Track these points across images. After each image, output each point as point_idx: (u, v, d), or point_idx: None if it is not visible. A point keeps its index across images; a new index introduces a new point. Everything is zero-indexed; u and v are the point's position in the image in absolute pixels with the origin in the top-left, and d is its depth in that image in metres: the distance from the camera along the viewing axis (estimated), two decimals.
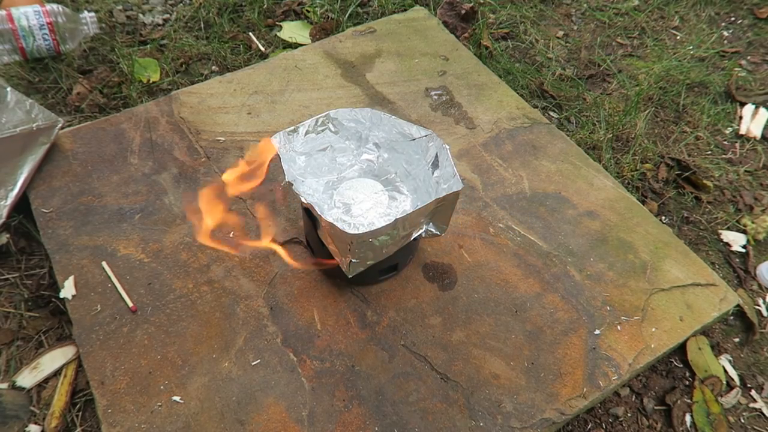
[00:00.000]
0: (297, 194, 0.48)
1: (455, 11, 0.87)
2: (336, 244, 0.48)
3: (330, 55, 0.76)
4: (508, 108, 0.71)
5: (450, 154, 0.50)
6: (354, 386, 0.49)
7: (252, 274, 0.56)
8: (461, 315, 0.54)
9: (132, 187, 0.61)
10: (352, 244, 0.46)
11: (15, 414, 0.51)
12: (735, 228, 0.68)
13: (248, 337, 0.52)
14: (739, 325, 0.60)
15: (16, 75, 0.76)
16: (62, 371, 0.53)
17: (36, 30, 0.73)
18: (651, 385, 0.55)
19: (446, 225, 0.51)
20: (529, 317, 0.54)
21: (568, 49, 0.87)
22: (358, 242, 0.46)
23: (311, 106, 0.70)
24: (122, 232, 0.58)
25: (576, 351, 0.52)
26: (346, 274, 0.49)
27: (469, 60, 0.77)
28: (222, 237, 0.57)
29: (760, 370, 0.57)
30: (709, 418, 0.53)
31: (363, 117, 0.54)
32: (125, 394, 0.48)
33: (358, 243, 0.46)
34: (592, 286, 0.56)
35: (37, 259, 0.60)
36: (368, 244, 0.46)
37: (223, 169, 0.63)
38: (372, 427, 0.47)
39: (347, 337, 0.52)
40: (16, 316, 0.56)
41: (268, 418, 0.47)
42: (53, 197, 0.60)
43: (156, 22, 0.87)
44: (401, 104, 0.71)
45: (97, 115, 0.73)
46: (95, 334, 0.51)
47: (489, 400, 0.49)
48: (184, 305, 0.53)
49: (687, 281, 0.57)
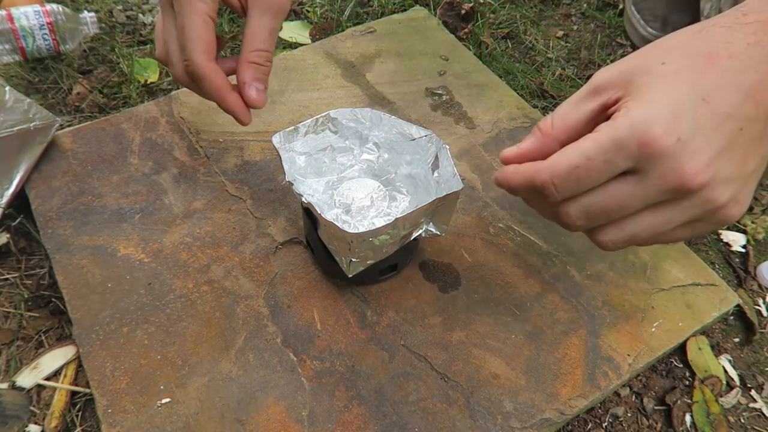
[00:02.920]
0: (297, 194, 0.48)
1: (455, 11, 0.87)
2: (336, 244, 0.48)
3: (330, 55, 0.76)
4: (508, 108, 0.71)
5: (450, 154, 0.50)
6: (354, 386, 0.49)
7: (252, 274, 0.56)
8: (461, 315, 0.54)
9: (132, 187, 0.61)
10: (352, 243, 0.46)
11: (15, 414, 0.51)
12: (735, 228, 0.68)
13: (248, 337, 0.52)
14: (739, 325, 0.60)
15: (16, 75, 0.76)
16: (62, 371, 0.53)
17: (36, 30, 0.73)
18: (651, 385, 0.55)
19: (447, 225, 0.51)
20: (529, 317, 0.54)
21: (568, 49, 0.87)
22: (358, 241, 0.46)
23: (311, 106, 0.70)
24: (122, 232, 0.58)
25: (576, 351, 0.52)
26: (345, 274, 0.49)
27: (469, 60, 0.77)
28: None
29: (760, 370, 0.57)
30: (709, 418, 0.53)
31: (363, 117, 0.54)
32: (125, 394, 0.48)
33: (358, 242, 0.46)
34: (592, 286, 0.56)
35: (37, 259, 0.60)
36: (368, 243, 0.46)
37: (223, 169, 0.63)
38: (372, 427, 0.47)
39: (347, 337, 0.52)
40: (16, 316, 0.56)
41: (268, 418, 0.47)
42: (53, 197, 0.60)
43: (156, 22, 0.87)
44: (401, 104, 0.71)
45: (97, 115, 0.73)
46: (95, 334, 0.51)
47: (489, 400, 0.49)
48: (184, 305, 0.53)
49: (687, 281, 0.57)
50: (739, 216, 0.37)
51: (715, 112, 0.34)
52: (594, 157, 0.34)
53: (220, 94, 0.49)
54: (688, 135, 0.33)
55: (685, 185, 0.33)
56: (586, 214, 0.36)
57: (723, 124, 0.34)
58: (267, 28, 0.48)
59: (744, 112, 0.35)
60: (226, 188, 0.62)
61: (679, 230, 0.38)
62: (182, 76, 0.49)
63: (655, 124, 0.32)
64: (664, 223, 0.36)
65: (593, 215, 0.36)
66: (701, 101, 0.34)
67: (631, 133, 0.33)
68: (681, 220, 0.36)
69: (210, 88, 0.48)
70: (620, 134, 0.33)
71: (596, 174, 0.34)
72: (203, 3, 0.46)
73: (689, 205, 0.35)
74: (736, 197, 0.36)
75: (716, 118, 0.34)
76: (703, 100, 0.34)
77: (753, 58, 0.34)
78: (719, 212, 0.36)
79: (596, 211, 0.35)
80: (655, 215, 0.36)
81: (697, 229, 0.38)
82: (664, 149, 0.32)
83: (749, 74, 0.34)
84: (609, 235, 0.37)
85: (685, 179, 0.33)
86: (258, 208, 0.61)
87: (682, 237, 0.39)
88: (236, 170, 0.63)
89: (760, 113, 0.35)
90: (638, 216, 0.36)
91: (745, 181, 0.36)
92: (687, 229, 0.38)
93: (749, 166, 0.36)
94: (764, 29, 0.35)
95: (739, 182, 0.36)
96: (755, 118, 0.35)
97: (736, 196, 0.36)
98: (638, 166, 0.34)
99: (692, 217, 0.36)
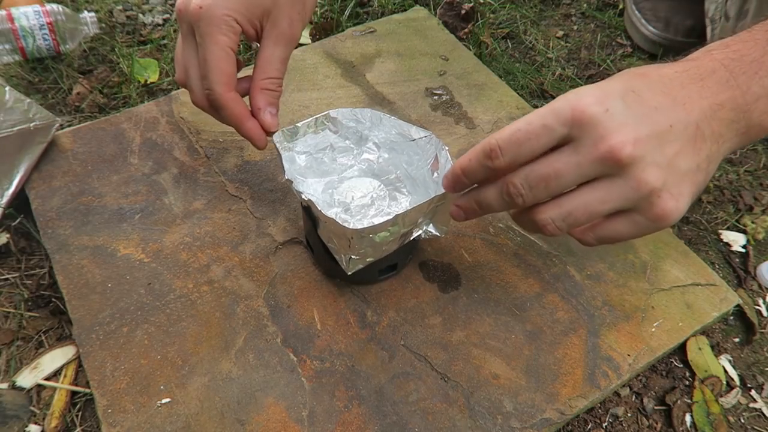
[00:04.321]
0: (296, 192, 0.48)
1: (455, 11, 0.87)
2: (335, 241, 0.48)
3: (330, 55, 0.76)
4: (508, 108, 0.71)
5: (449, 156, 0.50)
6: (354, 386, 0.49)
7: (252, 274, 0.56)
8: (461, 315, 0.54)
9: (132, 187, 0.61)
10: (351, 239, 0.46)
11: (15, 414, 0.51)
12: (735, 228, 0.68)
13: (248, 337, 0.52)
14: (739, 325, 0.60)
15: (16, 75, 0.76)
16: (62, 371, 0.53)
17: (36, 30, 0.74)
18: (651, 385, 0.55)
19: (446, 227, 0.51)
20: (529, 317, 0.54)
21: (568, 49, 0.87)
22: (357, 238, 0.46)
23: (311, 106, 0.70)
24: (122, 232, 0.58)
25: (576, 351, 0.52)
26: (345, 272, 0.49)
27: (469, 60, 0.77)
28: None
29: (760, 370, 0.57)
30: (709, 418, 0.53)
31: (363, 117, 0.54)
32: (125, 394, 0.48)
33: (358, 238, 0.46)
34: (592, 286, 0.56)
35: (37, 259, 0.60)
36: (368, 240, 0.46)
37: (223, 169, 0.63)
38: (372, 427, 0.47)
39: (347, 337, 0.52)
40: (16, 316, 0.56)
41: (268, 418, 0.47)
42: (53, 197, 0.60)
43: (156, 22, 0.87)
44: (401, 104, 0.71)
45: (97, 115, 0.73)
46: (95, 334, 0.51)
47: (489, 400, 0.49)
48: (184, 305, 0.53)
49: (687, 281, 0.57)
50: (676, 213, 0.38)
51: (644, 103, 0.37)
52: (533, 122, 0.37)
53: (239, 121, 0.52)
54: (617, 110, 0.36)
55: (612, 153, 0.36)
56: (527, 181, 0.39)
57: (652, 113, 0.37)
58: (279, 57, 0.51)
59: (673, 112, 0.37)
60: (226, 188, 0.62)
61: (619, 222, 0.40)
62: (202, 101, 0.52)
63: (586, 96, 0.37)
64: (599, 201, 0.38)
65: (533, 183, 0.38)
66: (631, 92, 0.37)
67: (565, 102, 0.37)
68: (616, 200, 0.38)
69: (230, 117, 0.51)
70: (556, 104, 0.37)
71: (535, 138, 0.37)
72: (225, 36, 0.48)
73: (622, 184, 0.37)
74: (669, 189, 0.37)
75: (644, 107, 0.37)
76: (633, 92, 0.37)
77: (679, 79, 0.39)
78: (654, 202, 0.37)
79: (536, 178, 0.38)
80: (590, 191, 0.38)
81: (638, 223, 0.39)
82: (593, 116, 0.36)
83: (676, 88, 0.38)
84: (548, 212, 0.39)
85: (613, 147, 0.36)
86: (258, 208, 0.61)
87: (623, 231, 0.40)
88: (236, 170, 0.63)
89: (690, 119, 0.38)
90: (575, 192, 0.39)
91: (680, 179, 0.38)
92: (627, 223, 0.39)
93: (682, 164, 0.38)
94: (690, 66, 0.40)
95: (670, 174, 0.37)
96: (685, 121, 0.37)
97: (669, 187, 0.37)
98: (571, 133, 0.37)
99: (627, 201, 0.38)
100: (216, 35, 0.47)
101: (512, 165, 0.39)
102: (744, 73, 0.39)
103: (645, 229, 0.39)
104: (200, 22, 0.47)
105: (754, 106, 0.39)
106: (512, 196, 0.40)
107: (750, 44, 0.40)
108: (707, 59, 0.40)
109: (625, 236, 0.40)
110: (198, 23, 0.48)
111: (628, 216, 0.39)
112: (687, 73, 0.39)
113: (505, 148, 0.38)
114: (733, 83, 0.39)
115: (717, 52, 0.40)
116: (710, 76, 0.39)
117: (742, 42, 0.40)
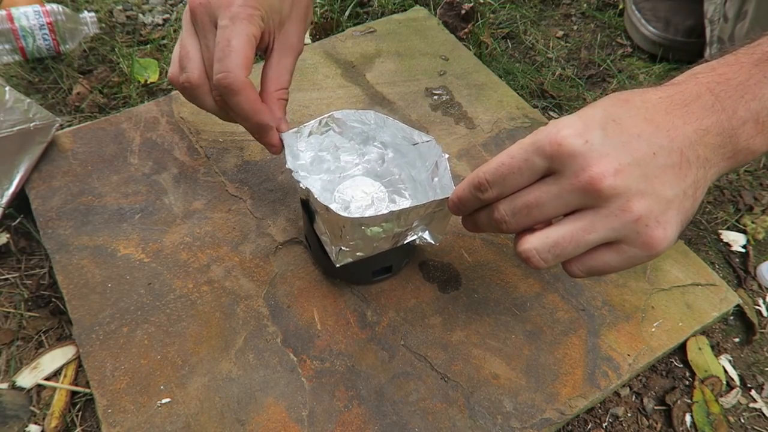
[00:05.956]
0: (296, 181, 0.48)
1: (455, 11, 0.87)
2: (328, 230, 0.48)
3: (330, 55, 0.76)
4: (508, 108, 0.71)
5: (448, 164, 0.49)
6: (354, 386, 0.49)
7: (252, 274, 0.56)
8: (461, 315, 0.54)
9: (132, 187, 0.61)
10: (344, 228, 0.45)
11: (15, 414, 0.51)
12: (735, 228, 0.68)
13: (248, 337, 0.52)
14: (739, 325, 0.60)
15: (16, 75, 0.76)
16: (62, 371, 0.53)
17: (36, 30, 0.74)
18: (651, 385, 0.55)
19: (441, 235, 0.51)
20: (529, 317, 0.54)
21: (568, 49, 0.87)
22: (350, 227, 0.45)
23: (311, 106, 0.70)
24: (122, 232, 0.58)
25: (576, 351, 0.52)
26: (333, 264, 0.49)
27: (469, 60, 0.77)
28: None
29: (760, 370, 0.57)
30: (709, 418, 0.53)
31: (367, 119, 0.54)
32: (125, 394, 0.48)
33: (350, 228, 0.45)
34: (592, 286, 0.56)
35: (37, 259, 0.60)
36: (360, 231, 0.46)
37: (223, 169, 0.63)
38: (372, 427, 0.47)
39: (347, 337, 0.52)
40: (16, 316, 0.56)
41: (268, 418, 0.47)
42: (53, 197, 0.60)
43: (156, 22, 0.87)
44: (401, 104, 0.71)
45: (97, 115, 0.73)
46: (95, 334, 0.51)
47: (489, 400, 0.49)
48: (184, 305, 0.53)
49: (687, 281, 0.57)
50: (665, 241, 0.38)
51: (625, 131, 0.37)
52: (516, 155, 0.38)
53: (253, 110, 0.49)
54: (597, 141, 0.36)
55: (593, 184, 0.36)
56: (512, 209, 0.39)
57: (633, 141, 0.37)
58: (288, 68, 0.53)
59: (656, 139, 0.37)
60: (226, 188, 0.62)
61: (607, 253, 0.39)
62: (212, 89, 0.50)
63: (565, 128, 0.37)
64: (583, 229, 0.38)
65: (516, 210, 0.39)
66: (612, 121, 0.37)
67: (544, 135, 0.37)
68: (601, 230, 0.37)
69: (244, 103, 0.48)
70: (537, 137, 0.38)
71: (518, 171, 0.38)
72: (253, 26, 0.48)
73: (607, 213, 0.37)
74: (656, 216, 0.37)
75: (626, 135, 0.37)
76: (614, 121, 0.37)
77: (663, 105, 0.38)
78: (641, 231, 0.37)
79: (518, 205, 0.39)
80: (575, 221, 0.38)
81: (626, 254, 0.38)
82: (572, 148, 0.36)
83: (659, 114, 0.38)
84: (533, 242, 0.39)
85: (593, 178, 0.36)
86: (258, 208, 0.61)
87: (612, 262, 0.39)
88: (236, 170, 0.63)
89: (674, 145, 0.37)
90: (560, 223, 0.39)
91: (666, 206, 0.37)
92: (615, 253, 0.39)
93: (667, 191, 0.37)
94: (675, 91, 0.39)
95: (656, 201, 0.37)
96: (669, 147, 0.37)
97: (655, 215, 0.37)
98: (553, 165, 0.37)
99: (613, 231, 0.37)
100: (245, 21, 0.47)
101: (500, 196, 0.40)
102: (730, 98, 0.38)
103: (634, 259, 0.39)
104: (233, 7, 0.47)
105: (741, 130, 0.38)
106: (497, 222, 0.40)
107: (735, 68, 0.39)
108: (692, 83, 0.39)
109: (615, 267, 0.39)
110: (230, 8, 0.47)
111: (616, 246, 0.38)
112: (671, 98, 0.39)
113: (491, 181, 0.39)
114: (718, 107, 0.38)
115: (702, 75, 0.40)
116: (695, 101, 0.38)
117: (728, 65, 0.40)
